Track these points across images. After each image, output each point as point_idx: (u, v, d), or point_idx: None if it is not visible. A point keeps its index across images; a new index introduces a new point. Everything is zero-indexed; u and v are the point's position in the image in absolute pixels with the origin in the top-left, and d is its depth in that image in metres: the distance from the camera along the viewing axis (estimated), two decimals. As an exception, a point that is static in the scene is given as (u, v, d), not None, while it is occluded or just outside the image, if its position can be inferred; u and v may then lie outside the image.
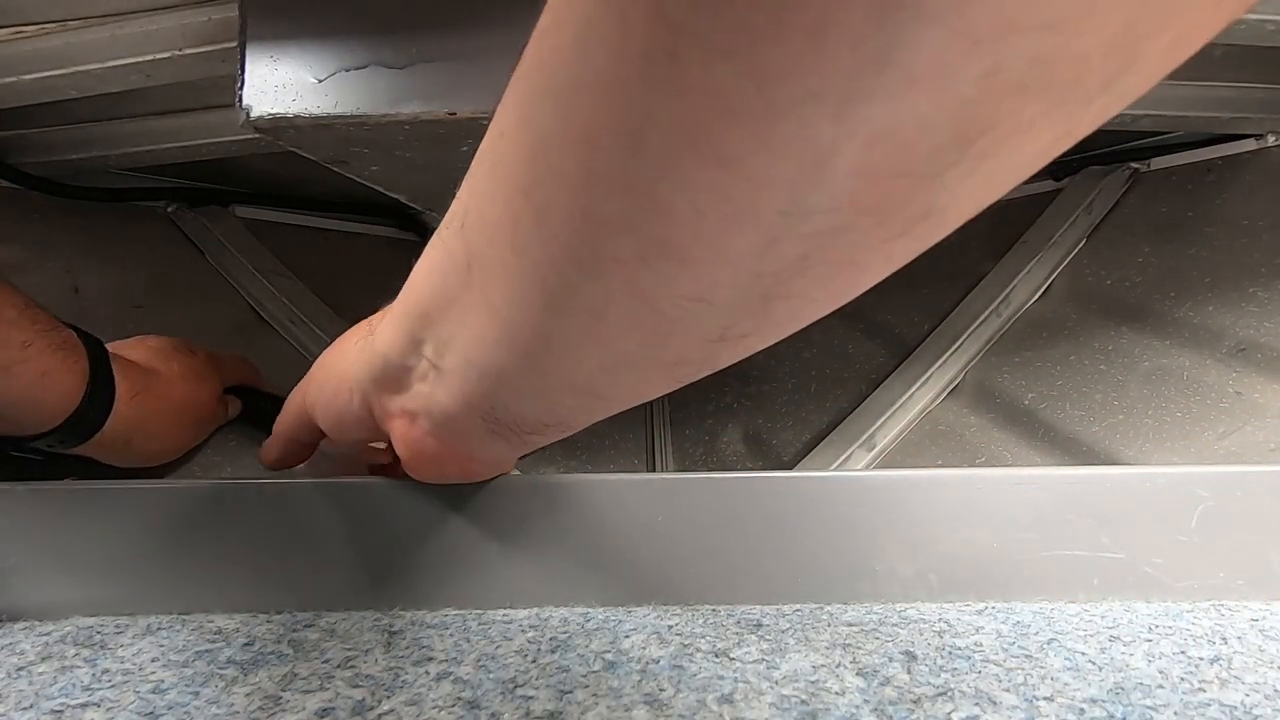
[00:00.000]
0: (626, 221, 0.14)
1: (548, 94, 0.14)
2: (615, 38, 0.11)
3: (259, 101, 0.35)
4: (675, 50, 0.11)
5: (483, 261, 0.19)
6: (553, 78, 0.13)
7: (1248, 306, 0.57)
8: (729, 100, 0.11)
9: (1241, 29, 0.47)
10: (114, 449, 0.43)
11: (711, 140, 0.11)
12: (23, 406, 0.38)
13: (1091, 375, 0.61)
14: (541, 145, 0.14)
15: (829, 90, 0.10)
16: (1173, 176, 0.69)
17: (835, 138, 0.11)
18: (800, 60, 0.10)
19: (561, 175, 0.14)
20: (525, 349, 0.20)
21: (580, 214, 0.14)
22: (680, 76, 0.11)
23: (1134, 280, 0.64)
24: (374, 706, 0.27)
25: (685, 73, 0.11)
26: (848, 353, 0.78)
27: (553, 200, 0.15)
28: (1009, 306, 0.70)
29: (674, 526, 0.36)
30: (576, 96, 0.13)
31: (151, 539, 0.36)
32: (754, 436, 0.76)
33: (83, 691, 0.28)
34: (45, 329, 0.38)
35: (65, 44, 0.47)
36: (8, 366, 0.36)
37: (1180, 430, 0.54)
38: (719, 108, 0.11)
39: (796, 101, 0.10)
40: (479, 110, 0.36)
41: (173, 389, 0.45)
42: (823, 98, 0.10)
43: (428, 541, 0.36)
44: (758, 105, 0.11)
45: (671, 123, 0.12)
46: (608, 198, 0.13)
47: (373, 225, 0.85)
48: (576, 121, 0.13)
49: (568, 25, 0.13)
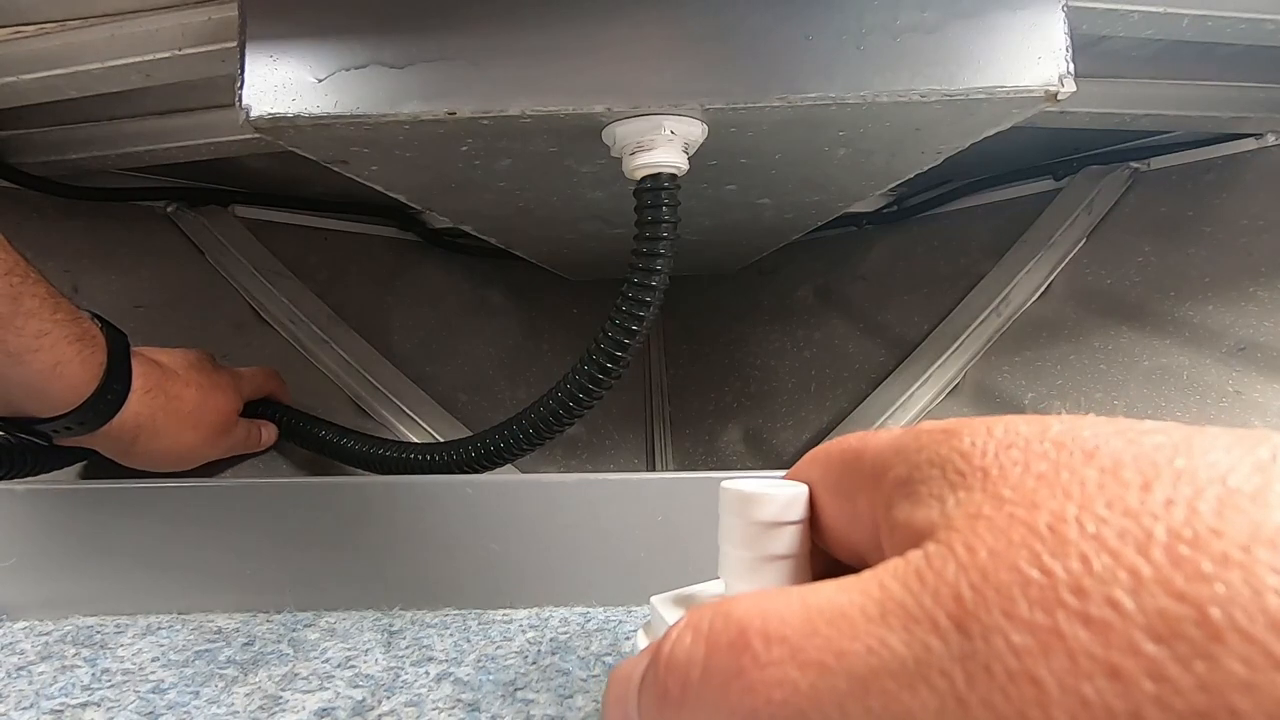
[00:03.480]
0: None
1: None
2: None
3: (259, 101, 0.35)
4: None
5: None
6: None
7: (1247, 306, 0.57)
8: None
9: (1242, 28, 0.47)
10: (119, 444, 0.43)
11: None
12: (30, 393, 0.38)
13: (1091, 374, 0.61)
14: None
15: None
16: (1172, 176, 0.69)
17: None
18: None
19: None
20: None
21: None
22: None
23: (1134, 280, 0.64)
24: (374, 707, 0.27)
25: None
26: (848, 353, 0.78)
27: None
28: (1009, 306, 0.70)
29: (674, 526, 0.36)
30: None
31: (151, 539, 0.36)
32: (754, 436, 0.76)
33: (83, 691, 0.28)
34: (64, 319, 0.38)
35: (65, 44, 0.47)
36: (19, 354, 0.36)
37: (1180, 430, 0.54)
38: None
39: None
40: (479, 110, 0.36)
41: (186, 392, 0.45)
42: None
43: (428, 541, 0.36)
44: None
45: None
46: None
47: (373, 225, 0.85)
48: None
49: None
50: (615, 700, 0.16)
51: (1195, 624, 0.09)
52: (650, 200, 0.39)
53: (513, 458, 0.48)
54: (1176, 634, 0.09)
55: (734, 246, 0.78)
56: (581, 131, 0.39)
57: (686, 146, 0.39)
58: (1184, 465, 0.11)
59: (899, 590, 0.12)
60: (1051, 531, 0.11)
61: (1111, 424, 0.13)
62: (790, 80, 0.36)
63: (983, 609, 0.11)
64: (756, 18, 0.36)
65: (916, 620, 0.12)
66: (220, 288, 0.71)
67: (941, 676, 0.11)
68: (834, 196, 0.58)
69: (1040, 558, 0.11)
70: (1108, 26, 0.46)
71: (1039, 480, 0.12)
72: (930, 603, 0.12)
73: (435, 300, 0.82)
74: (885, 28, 0.36)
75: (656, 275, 0.39)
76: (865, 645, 0.12)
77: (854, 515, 0.16)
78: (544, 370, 0.81)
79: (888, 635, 0.12)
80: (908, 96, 0.36)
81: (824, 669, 0.12)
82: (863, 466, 0.16)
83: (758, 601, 0.14)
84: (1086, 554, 0.11)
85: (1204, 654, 0.09)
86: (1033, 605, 0.11)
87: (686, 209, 0.40)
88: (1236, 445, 0.11)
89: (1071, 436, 0.13)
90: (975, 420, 0.14)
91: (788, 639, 0.13)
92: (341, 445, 0.54)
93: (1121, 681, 0.09)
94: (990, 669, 0.10)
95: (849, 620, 0.12)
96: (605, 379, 0.42)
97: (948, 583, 0.12)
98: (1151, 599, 0.10)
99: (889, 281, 0.81)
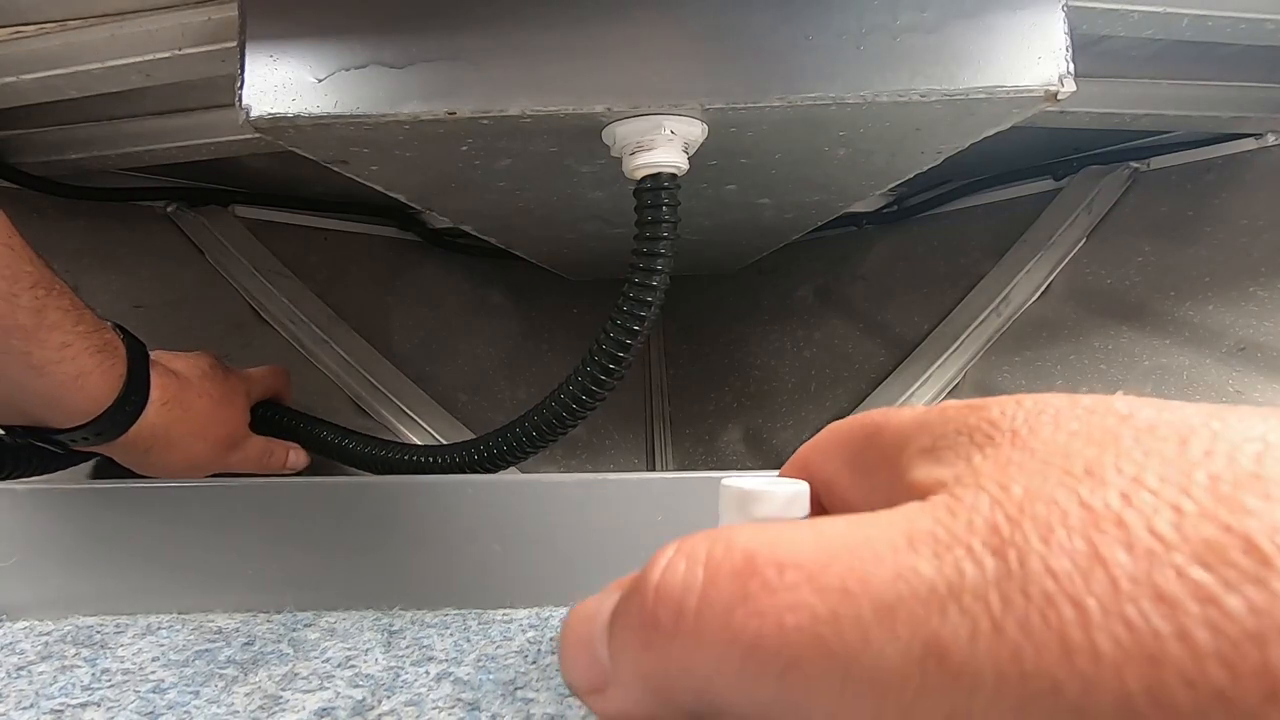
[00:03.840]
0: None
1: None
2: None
3: (259, 101, 0.35)
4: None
5: None
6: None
7: (1247, 306, 0.57)
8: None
9: (1242, 28, 0.47)
10: (134, 454, 0.43)
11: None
12: (52, 404, 0.38)
13: (1091, 374, 0.61)
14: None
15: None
16: (1172, 176, 0.69)
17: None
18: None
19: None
20: None
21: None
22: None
23: (1134, 279, 0.64)
24: (374, 706, 0.27)
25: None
26: (847, 352, 0.78)
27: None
28: (1009, 306, 0.70)
29: (674, 526, 0.36)
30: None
31: (151, 539, 0.36)
32: (754, 436, 0.76)
33: (83, 691, 0.28)
34: (87, 330, 0.38)
35: (65, 44, 0.47)
36: (43, 366, 0.36)
37: (1180, 430, 0.54)
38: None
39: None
40: (479, 110, 0.36)
41: (200, 403, 0.45)
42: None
43: (428, 541, 0.36)
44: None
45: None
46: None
47: (373, 225, 0.85)
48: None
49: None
50: (578, 640, 0.15)
51: (1243, 551, 0.09)
52: (650, 200, 0.39)
53: (516, 461, 0.48)
54: (1224, 560, 0.09)
55: (734, 246, 0.78)
56: (581, 131, 0.39)
57: (686, 146, 0.39)
58: (1219, 427, 0.11)
59: (926, 521, 0.12)
60: (1089, 474, 0.11)
61: (1144, 399, 0.13)
62: (790, 80, 0.36)
63: (1020, 535, 0.11)
64: (757, 17, 0.36)
65: (948, 547, 0.11)
66: (220, 288, 0.71)
67: (975, 599, 0.10)
68: (834, 196, 0.58)
69: (1079, 493, 0.11)
70: (1108, 26, 0.46)
71: (1071, 436, 0.12)
72: (964, 530, 0.11)
73: (435, 300, 0.82)
74: (885, 27, 0.36)
75: (657, 275, 0.39)
76: (892, 571, 0.11)
77: (871, 490, 0.15)
78: (544, 370, 0.81)
79: (917, 561, 0.11)
80: (908, 96, 0.36)
81: (846, 594, 0.11)
82: (884, 441, 0.15)
83: (762, 530, 0.13)
84: (1127, 491, 0.10)
85: (1254, 579, 0.09)
86: (1072, 533, 0.10)
87: (686, 209, 0.40)
88: (1272, 415, 0.11)
89: (1105, 405, 0.13)
90: (1004, 396, 0.14)
91: (803, 565, 0.12)
92: (343, 446, 0.54)
93: (1167, 604, 0.09)
94: (1028, 592, 0.10)
95: (872, 548, 0.12)
96: (608, 380, 0.42)
97: (982, 514, 0.11)
98: (1195, 530, 0.10)
99: (889, 281, 0.81)
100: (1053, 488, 0.11)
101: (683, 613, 0.12)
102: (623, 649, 0.13)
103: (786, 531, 0.13)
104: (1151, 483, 0.10)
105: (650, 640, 0.13)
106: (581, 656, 0.14)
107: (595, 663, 0.14)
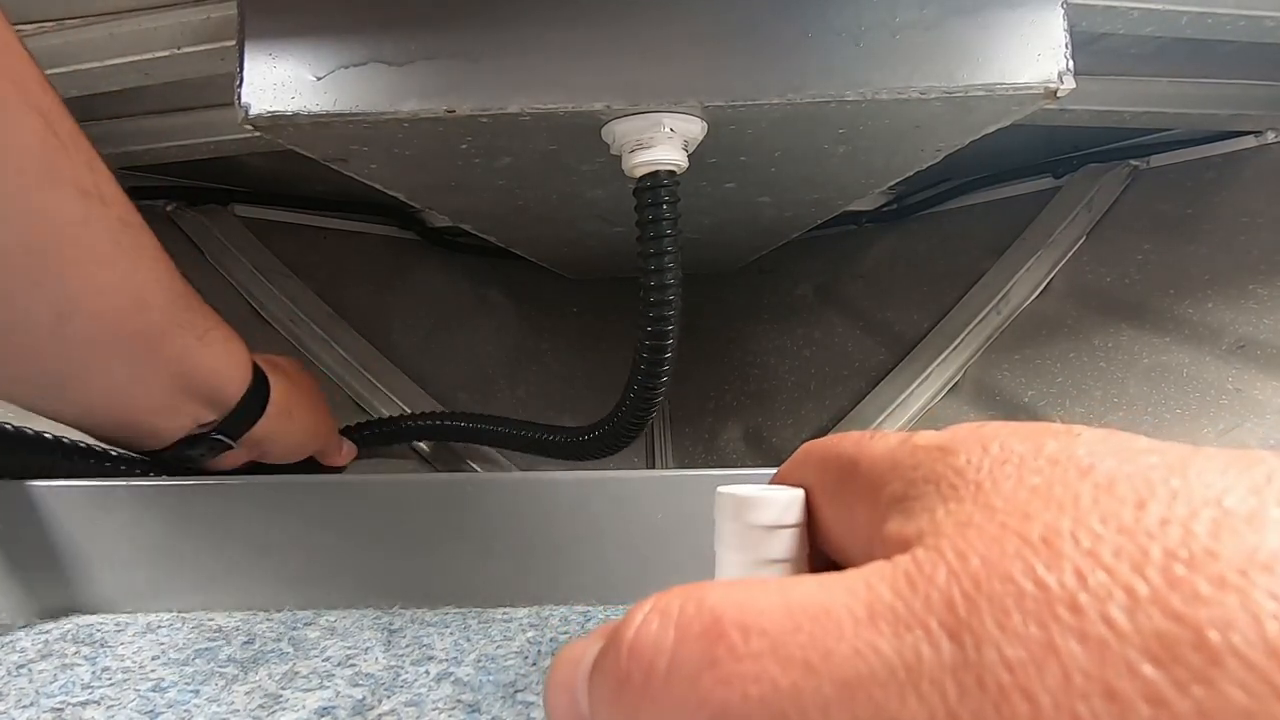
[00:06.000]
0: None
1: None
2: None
3: (258, 99, 0.35)
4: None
5: None
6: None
7: (1247, 303, 0.57)
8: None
9: (1241, 25, 0.47)
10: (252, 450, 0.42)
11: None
12: (212, 377, 0.38)
13: (1091, 372, 0.61)
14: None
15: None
16: (1172, 173, 0.69)
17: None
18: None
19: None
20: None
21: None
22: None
23: (1133, 277, 0.64)
24: (374, 706, 0.27)
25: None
26: (847, 351, 0.78)
27: None
28: (1008, 304, 0.70)
29: (674, 525, 0.36)
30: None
31: (151, 537, 0.36)
32: (754, 434, 0.76)
33: (83, 689, 0.28)
34: (219, 320, 0.39)
35: (63, 43, 0.47)
36: (204, 333, 0.37)
37: (1180, 427, 0.54)
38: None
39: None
40: (478, 108, 0.36)
41: (306, 400, 0.45)
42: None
43: (428, 540, 0.36)
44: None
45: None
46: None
47: (373, 224, 0.85)
48: None
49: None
50: (560, 684, 0.15)
51: (1193, 647, 0.09)
52: (650, 198, 0.39)
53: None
54: (1174, 657, 0.09)
55: (734, 245, 0.78)
56: (581, 129, 0.39)
57: (686, 144, 0.39)
58: (1179, 485, 0.11)
59: (887, 593, 0.12)
60: (1045, 544, 0.11)
61: (1107, 442, 0.13)
62: (790, 78, 0.36)
63: (976, 619, 0.11)
64: (756, 15, 0.36)
65: (908, 626, 0.11)
66: (220, 287, 0.71)
67: (932, 687, 0.10)
68: (834, 194, 0.58)
69: (1034, 569, 0.11)
70: (1107, 24, 0.46)
71: (1032, 493, 0.12)
72: (921, 608, 0.11)
73: (435, 299, 0.82)
74: (884, 25, 0.36)
75: (669, 272, 0.40)
76: (852, 648, 0.11)
77: (852, 525, 0.16)
78: (544, 369, 0.81)
79: (876, 639, 0.11)
80: (907, 94, 0.36)
81: (808, 668, 0.11)
82: (859, 479, 0.15)
83: (732, 590, 0.13)
84: (1081, 569, 0.10)
85: (1202, 679, 0.09)
86: (1027, 618, 0.10)
87: (686, 207, 0.40)
88: (1232, 467, 0.11)
89: (1067, 454, 0.13)
90: (971, 436, 0.14)
91: (767, 632, 0.12)
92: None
93: (1118, 703, 0.09)
94: (983, 682, 0.10)
95: (834, 619, 0.12)
96: (658, 383, 0.44)
97: (939, 588, 0.11)
98: (1148, 619, 0.10)
99: (889, 280, 0.81)
100: (1010, 561, 0.11)
101: (653, 673, 0.13)
102: (599, 701, 0.14)
103: (756, 592, 0.13)
104: (1107, 559, 0.10)
105: (622, 698, 0.13)
106: (563, 701, 0.15)
107: (576, 709, 0.14)
